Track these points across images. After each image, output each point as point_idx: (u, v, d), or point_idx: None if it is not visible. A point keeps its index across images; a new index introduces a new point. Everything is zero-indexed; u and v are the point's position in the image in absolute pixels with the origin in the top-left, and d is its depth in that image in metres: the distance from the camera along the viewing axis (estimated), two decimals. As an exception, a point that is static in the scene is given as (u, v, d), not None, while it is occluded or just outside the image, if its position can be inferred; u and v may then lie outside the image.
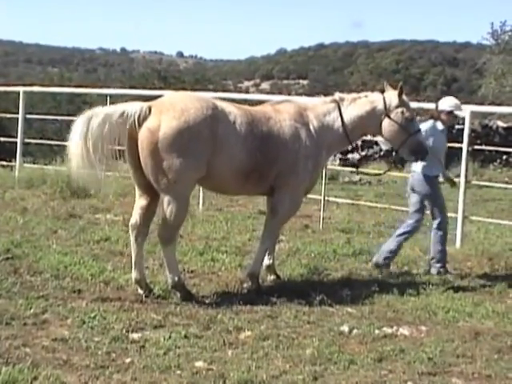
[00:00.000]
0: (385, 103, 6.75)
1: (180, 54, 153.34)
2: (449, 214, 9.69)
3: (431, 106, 10.28)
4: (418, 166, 7.43)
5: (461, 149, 9.11)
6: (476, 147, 8.50)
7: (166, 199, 5.94)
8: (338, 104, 6.77)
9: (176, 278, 6.05)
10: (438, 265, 7.45)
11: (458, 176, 9.29)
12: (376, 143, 19.89)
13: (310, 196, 8.94)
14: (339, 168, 16.68)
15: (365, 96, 6.86)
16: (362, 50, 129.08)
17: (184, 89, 23.01)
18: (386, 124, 6.74)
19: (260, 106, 6.84)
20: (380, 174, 8.56)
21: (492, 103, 27.00)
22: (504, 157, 21.23)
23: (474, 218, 9.65)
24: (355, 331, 5.39)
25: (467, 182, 9.28)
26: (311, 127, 6.59)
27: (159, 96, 6.91)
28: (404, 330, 5.47)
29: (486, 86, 35.19)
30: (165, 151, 5.79)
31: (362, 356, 4.85)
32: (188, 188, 6.14)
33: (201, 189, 10.77)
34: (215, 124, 5.98)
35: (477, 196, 14.02)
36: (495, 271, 7.64)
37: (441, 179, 7.70)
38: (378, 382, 4.44)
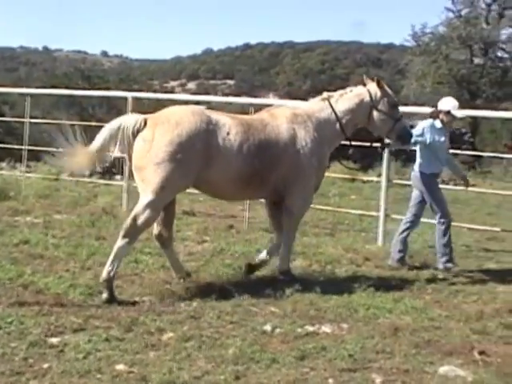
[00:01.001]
0: (370, 95, 7.14)
1: (104, 54, 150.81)
2: (371, 213, 9.94)
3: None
4: (416, 165, 7.83)
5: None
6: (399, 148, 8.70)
7: (143, 199, 6.15)
8: (329, 101, 7.11)
9: (111, 274, 6.04)
10: (443, 259, 7.70)
11: (380, 175, 9.49)
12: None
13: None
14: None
15: (350, 91, 7.23)
16: (287, 50, 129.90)
17: (108, 88, 22.75)
18: (375, 115, 7.15)
19: (256, 113, 7.14)
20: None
21: (414, 104, 27.65)
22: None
23: (395, 216, 9.83)
24: (278, 330, 5.41)
25: (389, 180, 9.46)
26: (309, 125, 6.91)
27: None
28: (326, 328, 5.53)
29: (408, 87, 36.05)
30: (156, 161, 6.06)
31: (284, 354, 4.87)
32: (170, 196, 6.35)
33: (124, 189, 10.67)
34: (209, 137, 6.26)
35: (399, 195, 14.28)
36: (415, 268, 7.80)
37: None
38: (300, 380, 4.47)
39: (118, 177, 14.35)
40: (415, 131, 7.69)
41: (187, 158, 6.13)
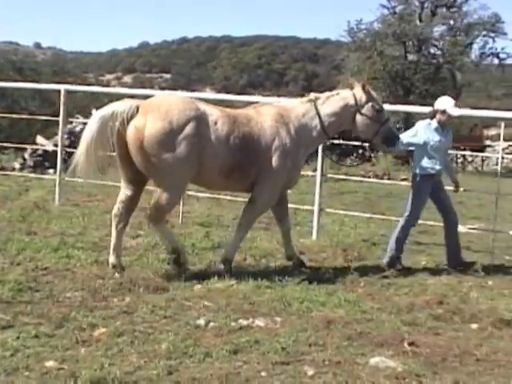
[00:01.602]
0: (355, 99, 7.24)
1: (38, 45, 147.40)
2: (306, 207, 10.00)
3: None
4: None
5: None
6: (333, 141, 8.79)
7: (160, 189, 6.63)
8: (315, 103, 7.27)
9: (170, 248, 6.81)
10: (390, 254, 7.76)
11: (315, 170, 9.56)
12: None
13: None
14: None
15: (336, 94, 7.37)
16: (225, 44, 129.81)
17: (40, 81, 22.26)
18: (359, 119, 7.27)
19: (243, 109, 7.39)
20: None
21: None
22: (360, 151, 22.01)
23: (329, 210, 9.94)
24: (211, 324, 5.40)
25: (323, 175, 9.54)
26: (291, 127, 7.12)
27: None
28: (259, 322, 5.54)
29: (344, 83, 36.41)
30: (151, 149, 6.41)
31: (217, 348, 4.86)
32: (181, 181, 6.72)
33: (57, 183, 10.48)
34: (197, 125, 6.56)
35: (334, 189, 14.46)
36: (348, 261, 7.85)
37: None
38: (233, 374, 4.47)
39: (51, 170, 14.08)
40: (409, 132, 7.77)
41: (181, 145, 6.48)
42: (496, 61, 37.21)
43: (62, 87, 10.98)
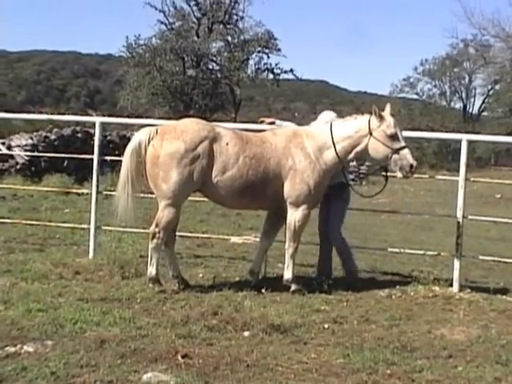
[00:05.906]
0: (369, 124, 7.37)
1: None
2: (82, 226, 9.79)
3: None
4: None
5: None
6: (114, 158, 8.72)
7: (161, 205, 7.23)
8: (331, 125, 7.53)
9: (153, 271, 7.35)
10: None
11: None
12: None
13: None
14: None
15: (354, 118, 7.59)
16: (0, 59, 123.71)
17: None
18: (371, 143, 7.39)
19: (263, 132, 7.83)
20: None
21: (133, 115, 27.89)
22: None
23: (106, 228, 9.77)
24: (-26, 356, 5.08)
25: (99, 192, 9.31)
26: (306, 146, 7.42)
27: None
28: (28, 347, 5.29)
29: (124, 98, 36.36)
30: (165, 165, 7.07)
31: (-21, 382, 4.59)
32: (182, 197, 7.32)
33: None
34: (210, 144, 7.13)
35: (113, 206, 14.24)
36: (126, 278, 7.78)
37: None
38: (-7, 405, 4.24)
39: None
40: None
41: (191, 162, 7.06)
42: (271, 76, 39.14)
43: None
